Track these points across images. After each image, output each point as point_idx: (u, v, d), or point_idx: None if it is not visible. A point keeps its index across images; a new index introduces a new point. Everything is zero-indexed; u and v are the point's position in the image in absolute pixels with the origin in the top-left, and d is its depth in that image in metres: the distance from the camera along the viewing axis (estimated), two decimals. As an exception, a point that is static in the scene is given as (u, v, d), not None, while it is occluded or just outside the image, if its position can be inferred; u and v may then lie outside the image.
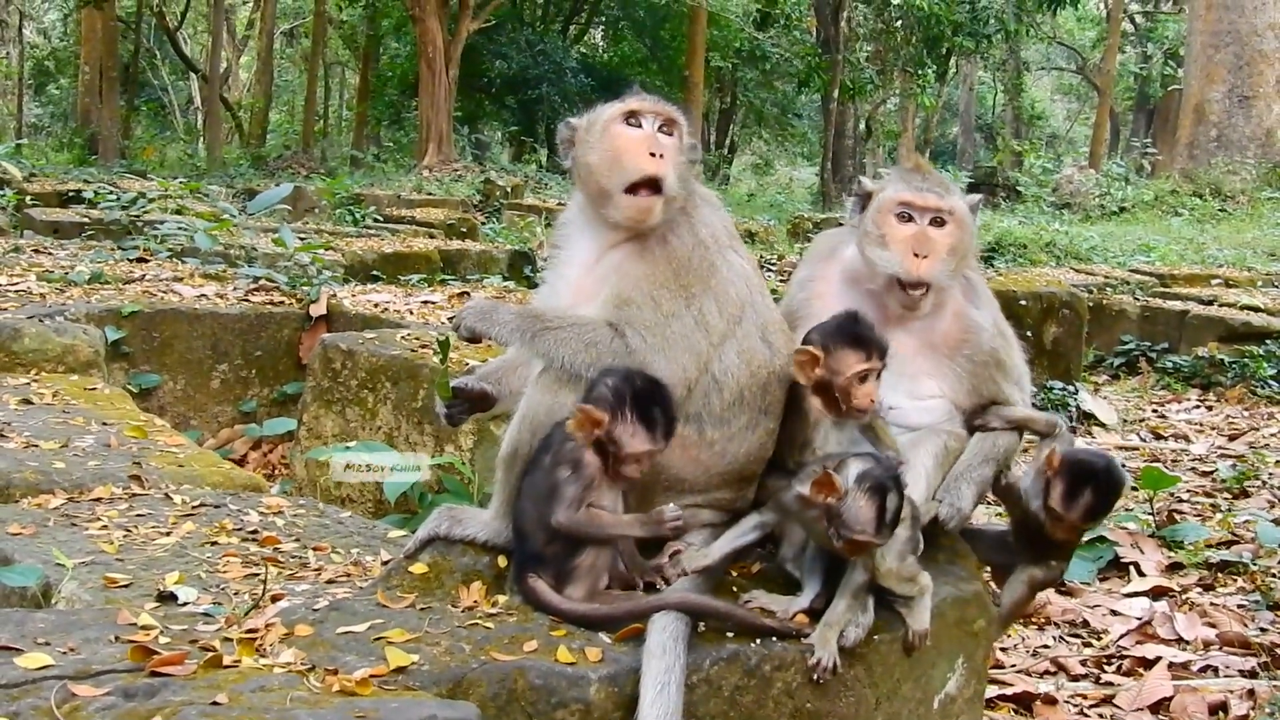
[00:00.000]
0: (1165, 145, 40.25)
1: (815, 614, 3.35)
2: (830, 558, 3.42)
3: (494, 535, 3.51)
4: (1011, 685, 5.99)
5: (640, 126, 3.70)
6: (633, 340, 3.43)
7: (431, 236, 17.26)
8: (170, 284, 9.45)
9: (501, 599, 3.35)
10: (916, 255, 3.91)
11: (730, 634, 3.25)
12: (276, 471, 8.29)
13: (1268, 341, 14.18)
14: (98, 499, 4.61)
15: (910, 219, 3.99)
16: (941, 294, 4.01)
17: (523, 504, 3.39)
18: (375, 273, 12.73)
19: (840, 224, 4.53)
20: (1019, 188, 35.81)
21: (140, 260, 10.64)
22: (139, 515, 4.43)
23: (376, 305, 9.34)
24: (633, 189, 3.60)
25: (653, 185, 3.60)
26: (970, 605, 3.74)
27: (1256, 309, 15.20)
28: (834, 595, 3.36)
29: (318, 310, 9.06)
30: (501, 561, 3.45)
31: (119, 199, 13.88)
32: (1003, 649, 6.46)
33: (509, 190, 26.41)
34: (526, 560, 3.34)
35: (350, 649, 3.04)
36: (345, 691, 2.76)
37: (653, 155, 3.62)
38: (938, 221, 3.98)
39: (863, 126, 45.43)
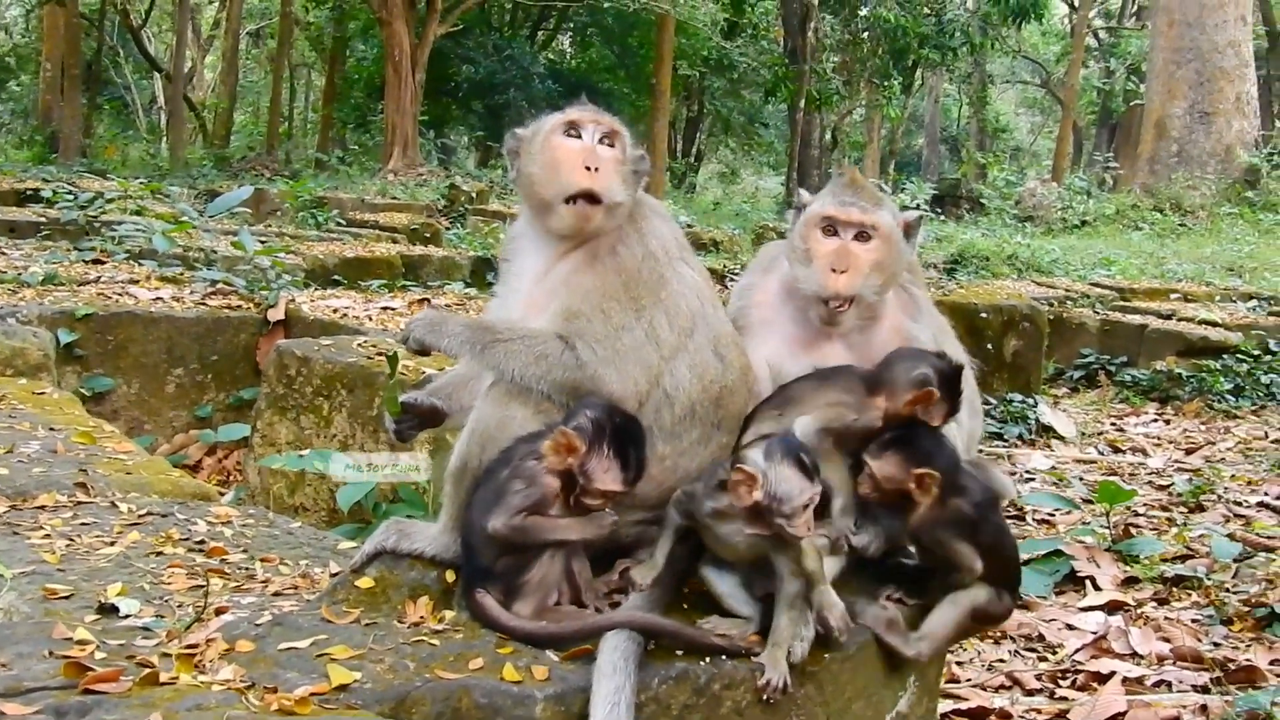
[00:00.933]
0: (1127, 160, 40.51)
1: (764, 632, 3.32)
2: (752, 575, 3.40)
3: (442, 550, 3.47)
4: (966, 700, 5.98)
5: (580, 138, 3.68)
6: (583, 353, 3.39)
7: (394, 241, 17.18)
8: (126, 286, 9.36)
9: (448, 615, 3.31)
10: (835, 270, 3.89)
11: (680, 652, 3.22)
12: (232, 477, 8.22)
13: (1225, 356, 14.29)
14: (41, 506, 4.54)
15: (834, 233, 3.97)
16: (872, 308, 3.98)
17: (472, 517, 3.34)
18: (336, 277, 12.66)
19: None
20: (982, 200, 36.02)
21: (96, 262, 10.54)
22: (83, 524, 4.36)
23: (336, 311, 9.28)
24: (571, 199, 3.59)
25: (589, 197, 3.59)
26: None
27: (1215, 324, 15.32)
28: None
29: (276, 315, 9.00)
30: (449, 576, 3.41)
31: (77, 199, 13.75)
32: (958, 663, 6.46)
33: (474, 196, 26.31)
34: (475, 575, 3.30)
35: (292, 666, 2.99)
36: (284, 710, 2.71)
37: (589, 169, 3.61)
38: (862, 236, 3.95)
39: (829, 137, 45.51)
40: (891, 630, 3.56)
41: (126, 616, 3.41)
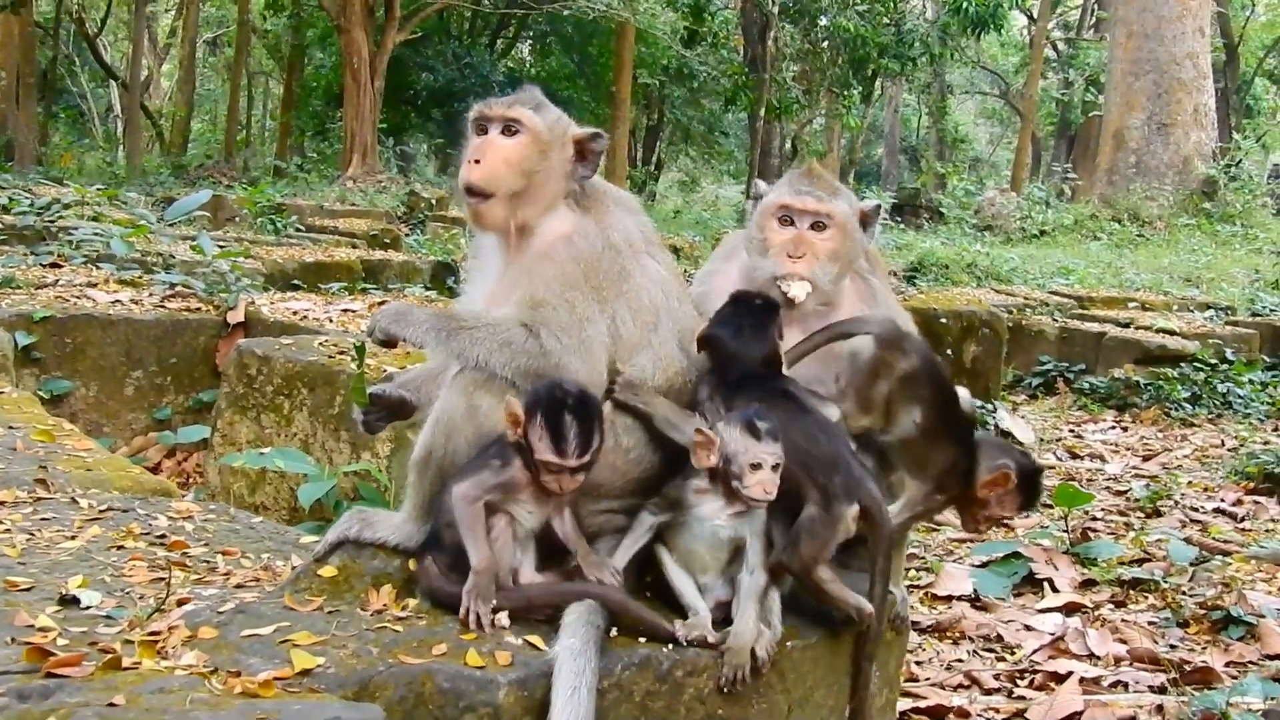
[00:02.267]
0: (1085, 171, 40.80)
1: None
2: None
3: (405, 539, 3.47)
4: (925, 698, 6.01)
5: (485, 133, 3.70)
6: (547, 341, 3.39)
7: (354, 246, 17.13)
8: (84, 289, 9.30)
9: (411, 602, 3.31)
10: (790, 258, 3.92)
11: (642, 638, 3.23)
12: (191, 480, 8.17)
13: (1182, 364, 14.41)
14: (1, 502, 4.50)
15: (790, 222, 4.00)
16: (828, 295, 4.02)
17: (445, 500, 3.34)
18: (296, 281, 12.61)
19: None
20: (942, 209, 36.19)
21: (54, 265, 10.45)
22: (43, 519, 4.33)
23: (296, 313, 9.24)
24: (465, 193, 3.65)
25: (469, 191, 3.63)
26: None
27: (1172, 332, 15.45)
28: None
29: (235, 317, 8.96)
30: (412, 565, 3.41)
31: (33, 204, 13.64)
32: (917, 662, 6.49)
33: (434, 202, 26.27)
34: (428, 546, 3.31)
35: (255, 652, 2.98)
36: (247, 694, 2.70)
37: (475, 162, 3.63)
38: (818, 226, 3.99)
39: (789, 146, 45.66)
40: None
41: (88, 607, 3.39)
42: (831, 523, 3.41)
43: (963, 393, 4.04)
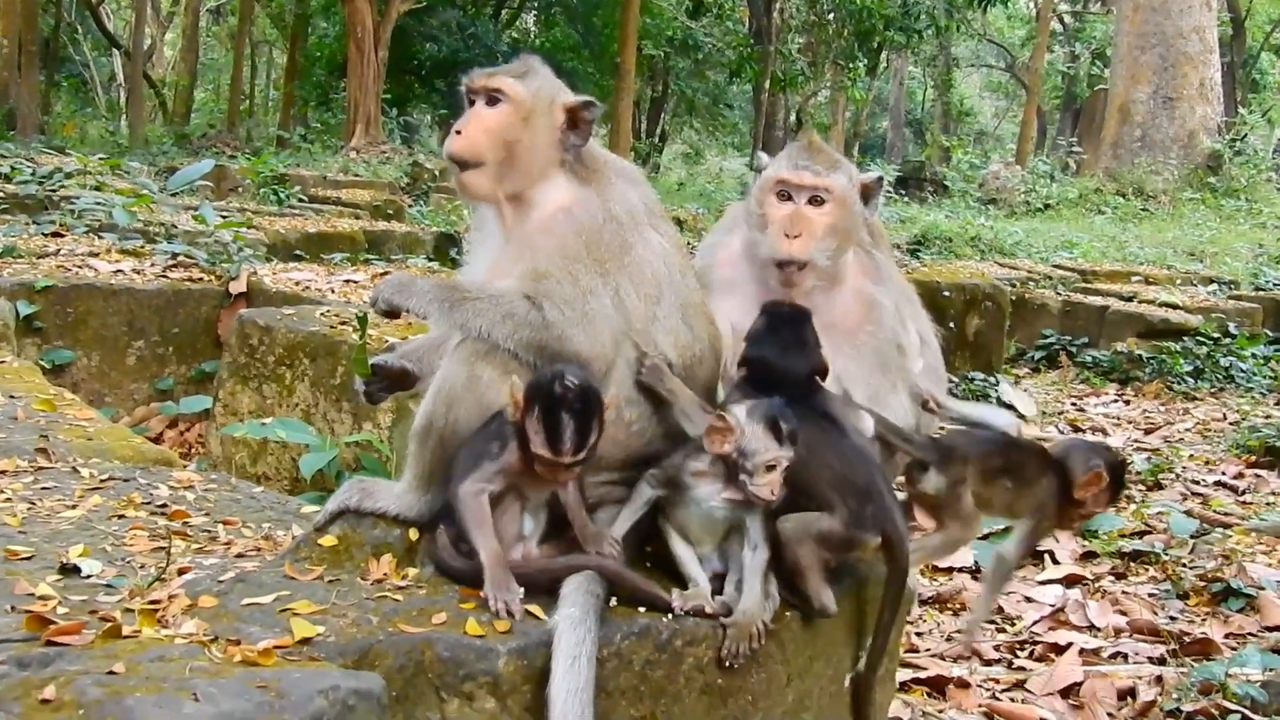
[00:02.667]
0: (1090, 144, 40.69)
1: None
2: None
3: (405, 509, 3.46)
4: (925, 669, 6.02)
5: (472, 104, 3.69)
6: (550, 314, 3.38)
7: (357, 217, 17.09)
8: (86, 259, 9.29)
9: (412, 572, 3.31)
10: (788, 236, 3.91)
11: (641, 608, 3.24)
12: (194, 450, 8.18)
13: (1185, 338, 14.39)
14: (2, 471, 4.50)
15: (788, 198, 3.98)
16: (830, 271, 4.00)
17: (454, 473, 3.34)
18: (298, 252, 12.60)
19: None
20: (946, 183, 36.12)
21: (56, 235, 10.44)
22: (44, 488, 4.34)
23: (298, 283, 9.24)
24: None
25: (453, 160, 3.65)
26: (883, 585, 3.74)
27: (1175, 306, 15.42)
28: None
29: (237, 287, 8.95)
30: (413, 535, 3.41)
31: (35, 173, 13.61)
32: (917, 633, 6.51)
33: (437, 174, 26.18)
34: (441, 517, 3.31)
35: (255, 620, 2.98)
36: (247, 662, 2.70)
37: (458, 132, 3.64)
38: (816, 200, 3.97)
39: (793, 118, 45.56)
40: None
41: (89, 576, 3.39)
42: (847, 543, 3.44)
43: (1003, 417, 4.06)
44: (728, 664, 3.24)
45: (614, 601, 3.21)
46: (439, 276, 3.78)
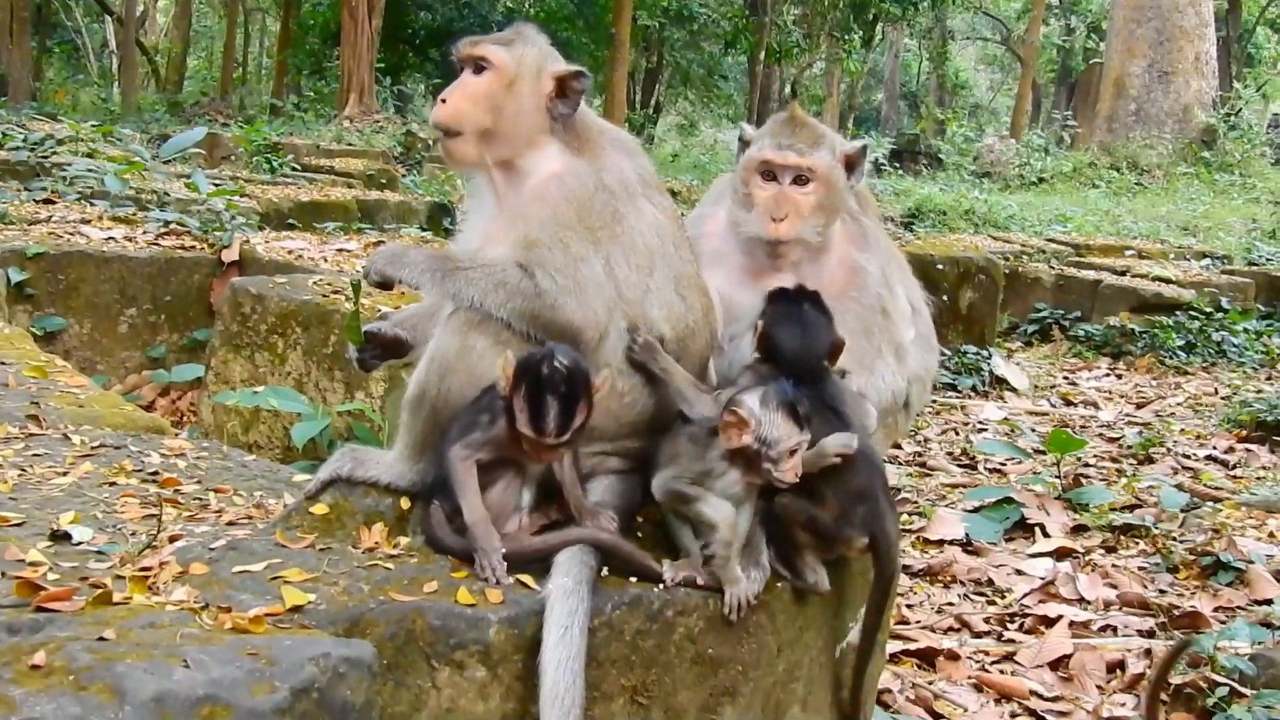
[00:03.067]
0: (1085, 118, 40.69)
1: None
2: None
3: (397, 478, 3.46)
4: (915, 640, 6.05)
5: (460, 72, 3.69)
6: (542, 281, 3.38)
7: (350, 186, 17.06)
8: (78, 226, 9.27)
9: (403, 541, 3.31)
10: (774, 219, 3.91)
11: (633, 578, 3.24)
12: (185, 419, 8.18)
13: (1177, 313, 14.44)
14: (-7, 438, 4.49)
15: (773, 177, 3.97)
16: (814, 245, 4.00)
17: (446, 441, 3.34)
18: (291, 221, 12.57)
19: None
20: (941, 155, 36.13)
21: (47, 202, 10.41)
22: (35, 455, 4.32)
23: (290, 252, 9.22)
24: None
25: (439, 128, 3.66)
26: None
27: (1168, 281, 15.46)
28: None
29: (230, 256, 8.93)
30: (404, 504, 3.41)
31: (27, 139, 13.55)
32: (908, 605, 6.52)
33: (431, 143, 26.07)
34: (435, 490, 3.31)
35: (246, 588, 2.98)
36: (238, 629, 2.70)
37: (443, 101, 3.64)
38: (800, 180, 3.96)
39: (788, 90, 45.38)
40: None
41: (79, 543, 3.38)
42: (833, 538, 3.44)
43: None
44: (731, 617, 3.27)
45: (606, 571, 3.21)
46: (432, 247, 3.77)
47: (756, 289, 3.98)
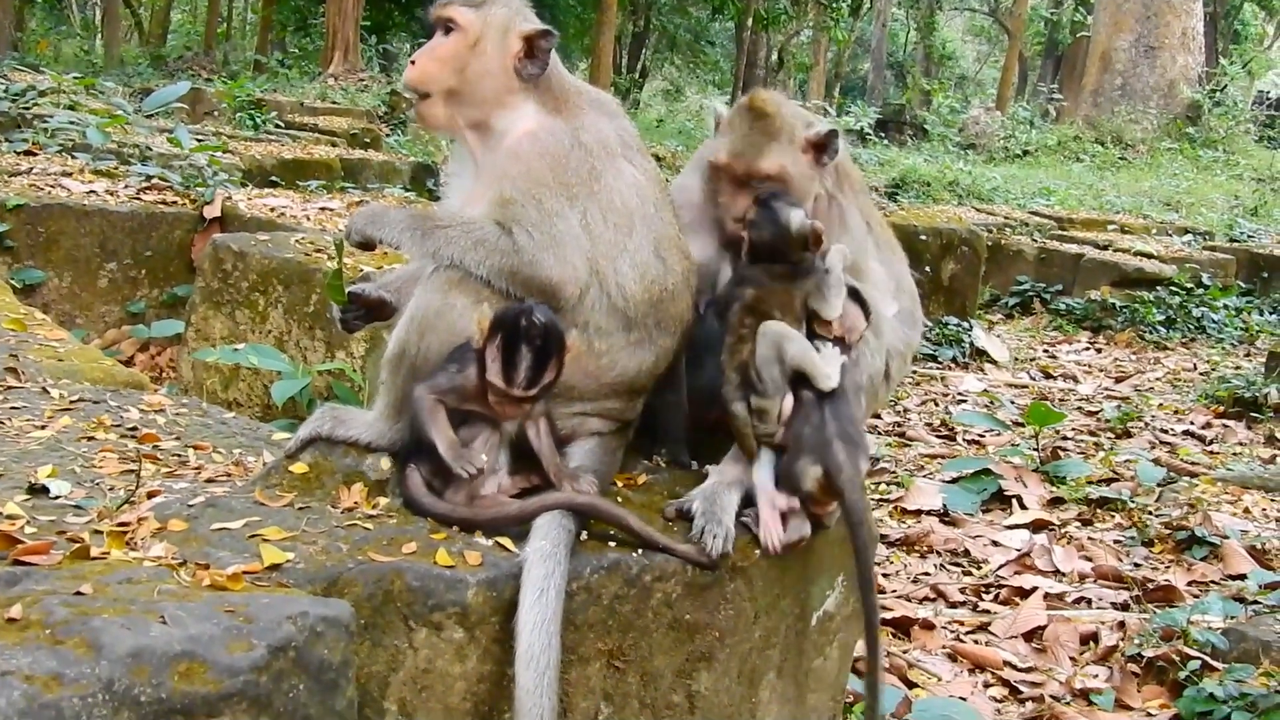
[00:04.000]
0: (1071, 92, 40.67)
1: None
2: None
3: (377, 437, 3.46)
4: (891, 610, 6.07)
5: (434, 34, 3.70)
6: (520, 238, 3.38)
7: (334, 145, 16.98)
8: (59, 179, 9.19)
9: (382, 501, 3.30)
10: (737, 220, 3.90)
11: (613, 543, 3.24)
12: (164, 375, 8.14)
13: (1158, 288, 14.48)
14: (-30, 390, 4.47)
15: (736, 181, 3.97)
16: None
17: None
18: (274, 178, 12.49)
19: None
20: (926, 126, 36.09)
21: (28, 153, 10.31)
22: (13, 408, 4.30)
23: (273, 210, 9.17)
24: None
25: (410, 91, 3.68)
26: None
27: (1150, 256, 15.49)
28: None
29: (212, 212, 8.88)
30: (385, 464, 3.40)
31: (8, 90, 13.43)
32: (884, 575, 6.55)
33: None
34: (412, 454, 3.30)
35: (224, 545, 2.98)
36: (216, 586, 2.70)
37: (412, 63, 3.66)
38: (765, 179, 3.94)
39: (775, 57, 45.30)
40: None
41: (57, 497, 3.37)
42: (789, 476, 3.47)
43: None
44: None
45: (584, 536, 3.22)
46: (413, 207, 3.75)
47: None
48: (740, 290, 3.72)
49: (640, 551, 3.23)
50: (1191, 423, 10.03)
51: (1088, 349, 13.39)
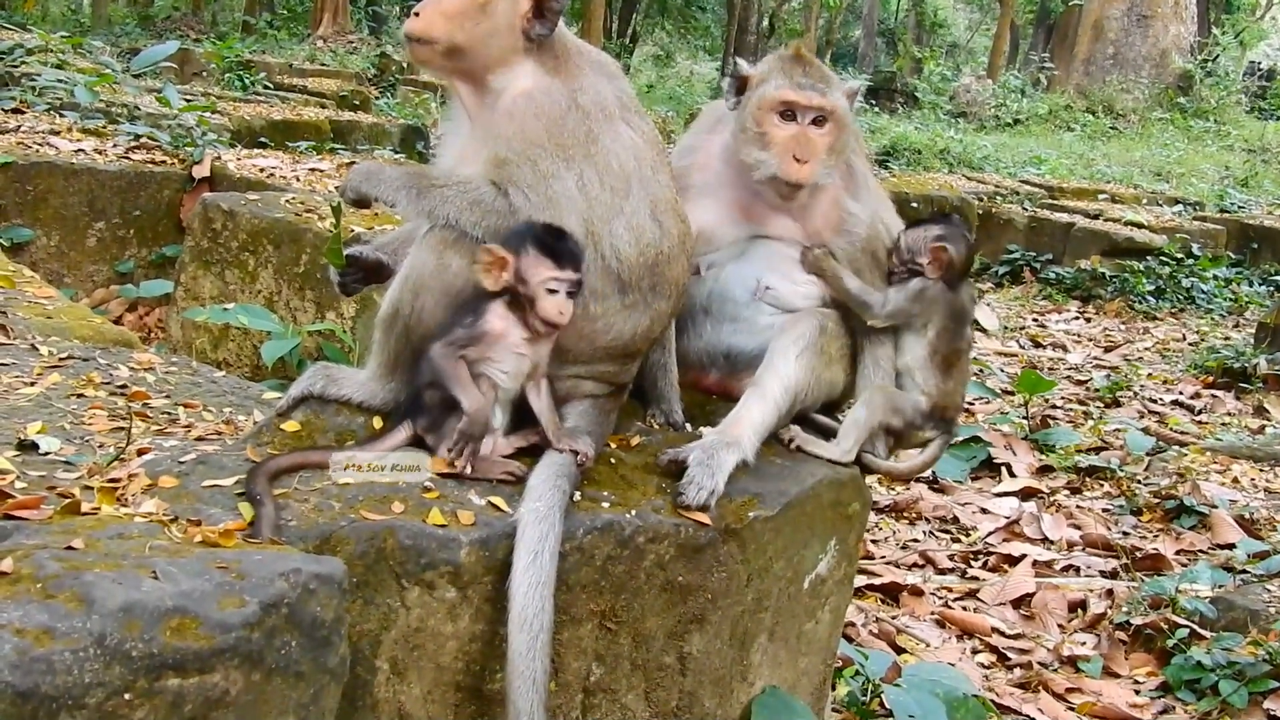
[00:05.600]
0: (1063, 61, 40.56)
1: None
2: None
3: (369, 396, 3.44)
4: (880, 576, 6.10)
5: None
6: (515, 198, 3.35)
7: (323, 106, 16.91)
8: (47, 137, 9.13)
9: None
10: (798, 160, 3.84)
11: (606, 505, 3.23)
12: (153, 335, 8.11)
13: (1148, 258, 14.49)
14: (-42, 347, 4.44)
15: (792, 118, 3.91)
16: (818, 186, 3.96)
17: (424, 362, 3.31)
18: (263, 139, 12.44)
19: None
20: (917, 94, 36.02)
21: (16, 111, 10.24)
22: (2, 364, 4.27)
23: (262, 170, 9.13)
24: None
25: (410, 39, 3.58)
26: (846, 488, 3.75)
27: (1140, 225, 15.49)
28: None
29: (201, 172, 8.83)
30: (376, 423, 3.38)
31: (-6, 48, 13.32)
32: (874, 541, 6.57)
33: (405, 66, 25.86)
34: (409, 409, 3.29)
35: (216, 502, 2.96)
36: (208, 543, 2.68)
37: (415, 14, 3.57)
38: (818, 121, 3.90)
39: (766, 23, 45.12)
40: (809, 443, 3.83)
41: (47, 453, 3.35)
42: None
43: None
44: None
45: (578, 497, 3.21)
46: (409, 165, 3.71)
47: (746, 226, 3.97)
48: (956, 308, 4.09)
49: (634, 513, 3.22)
50: (1180, 393, 10.06)
51: (1077, 318, 13.40)
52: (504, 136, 3.46)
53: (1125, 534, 6.84)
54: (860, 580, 5.83)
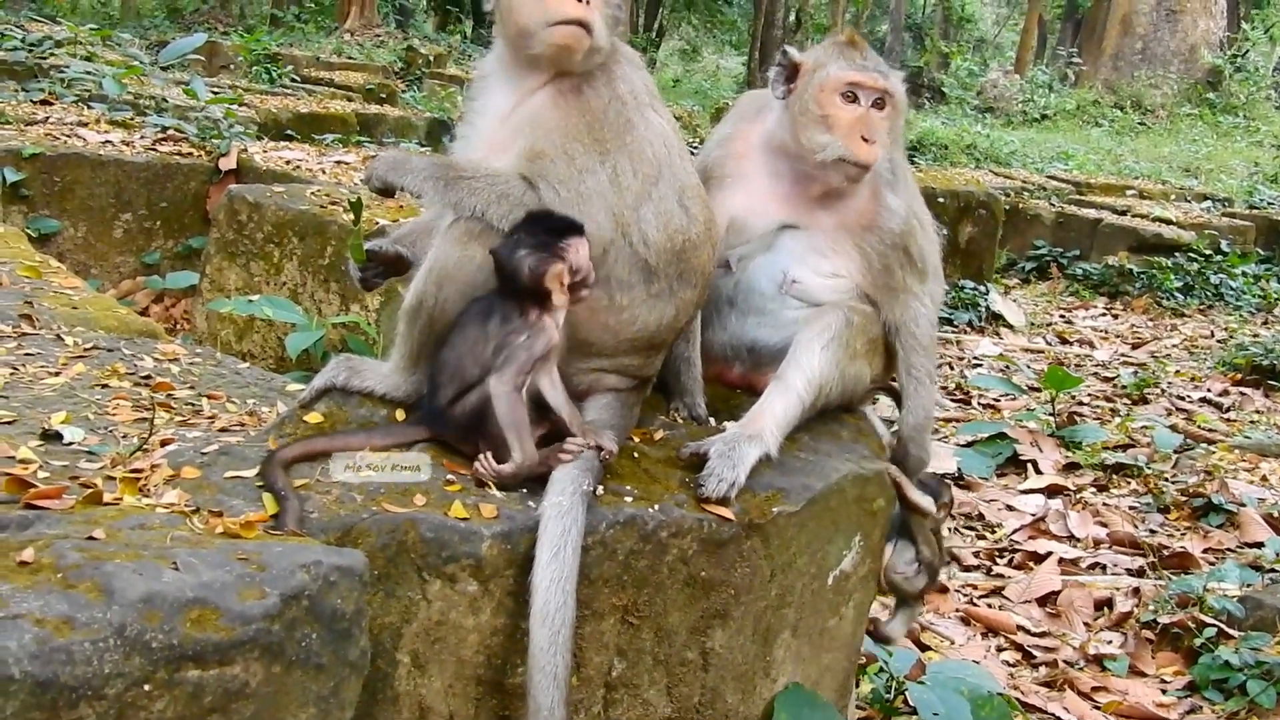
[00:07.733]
0: (1091, 56, 40.35)
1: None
2: None
3: (392, 389, 3.43)
4: (905, 572, 6.05)
5: None
6: (546, 194, 3.33)
7: (349, 99, 16.93)
8: (74, 128, 9.17)
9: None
10: (865, 140, 3.81)
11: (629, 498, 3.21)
12: (179, 326, 8.13)
13: (1176, 254, 14.41)
14: (-15, 336, 4.45)
15: (855, 99, 3.87)
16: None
17: (446, 356, 3.28)
18: (289, 131, 12.46)
19: None
20: (944, 89, 35.92)
21: (44, 103, 10.29)
22: (28, 354, 4.28)
23: (289, 162, 9.14)
24: (560, 24, 3.48)
25: (579, 24, 3.47)
26: (871, 484, 3.72)
27: (1168, 221, 15.40)
28: None
29: (227, 164, 8.86)
30: (399, 415, 3.37)
31: (24, 39, 13.38)
32: (898, 536, 6.53)
33: (431, 59, 25.94)
34: (433, 418, 3.27)
35: (237, 493, 2.95)
36: (229, 534, 2.68)
37: (585, 1, 3.49)
38: (879, 103, 3.88)
39: (793, 18, 45.01)
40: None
41: (70, 443, 3.35)
42: None
43: None
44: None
45: (600, 491, 3.19)
46: (435, 155, 3.70)
47: (780, 215, 3.93)
48: None
49: (657, 507, 3.20)
50: (1209, 390, 9.99)
51: (1104, 315, 13.34)
52: (543, 128, 3.43)
53: (1152, 532, 6.79)
54: (883, 576, 5.81)
